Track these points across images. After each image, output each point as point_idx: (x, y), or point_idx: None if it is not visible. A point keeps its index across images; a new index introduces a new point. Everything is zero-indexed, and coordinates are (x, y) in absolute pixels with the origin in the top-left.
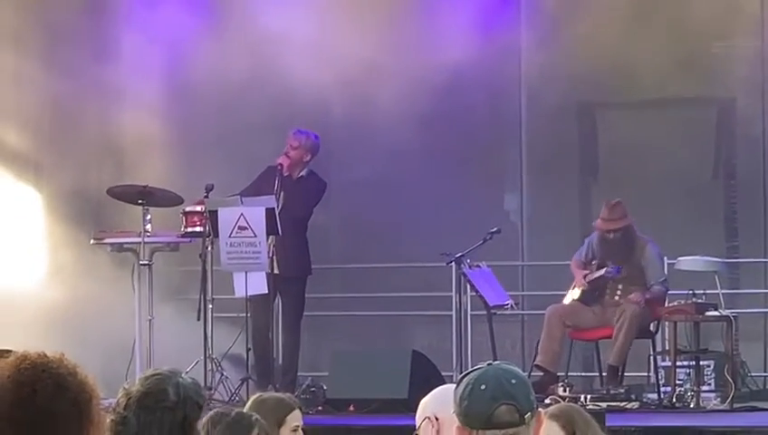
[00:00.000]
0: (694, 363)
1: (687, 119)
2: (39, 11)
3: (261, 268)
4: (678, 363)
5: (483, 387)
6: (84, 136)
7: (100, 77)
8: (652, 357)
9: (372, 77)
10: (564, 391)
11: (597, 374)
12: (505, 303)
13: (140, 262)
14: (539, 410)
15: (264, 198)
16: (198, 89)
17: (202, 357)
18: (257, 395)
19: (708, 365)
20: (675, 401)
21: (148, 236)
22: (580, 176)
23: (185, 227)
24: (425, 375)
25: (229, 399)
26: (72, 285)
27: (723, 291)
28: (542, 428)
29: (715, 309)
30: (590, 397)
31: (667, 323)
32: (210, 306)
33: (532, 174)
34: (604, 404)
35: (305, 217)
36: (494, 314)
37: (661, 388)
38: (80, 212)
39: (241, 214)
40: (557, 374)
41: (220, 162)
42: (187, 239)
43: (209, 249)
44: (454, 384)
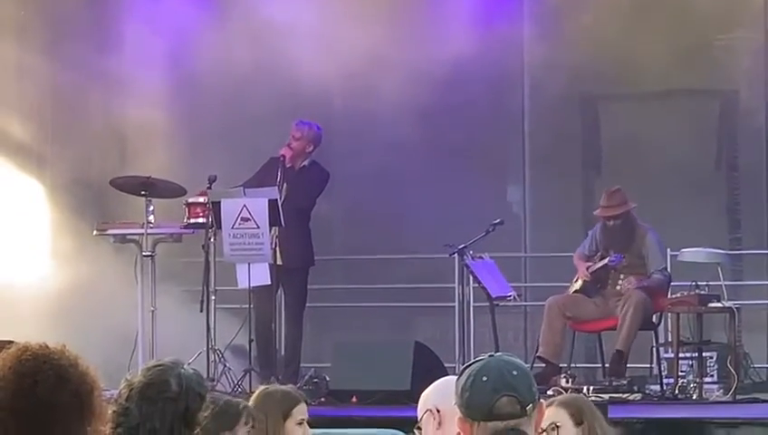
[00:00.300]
0: (696, 355)
1: (690, 111)
2: (42, 2)
3: (264, 259)
4: (681, 355)
5: (484, 378)
6: (87, 127)
7: (104, 68)
8: (655, 349)
9: (375, 69)
10: (567, 382)
11: (599, 366)
12: (508, 294)
13: (143, 253)
14: (541, 401)
15: (267, 189)
16: (201, 80)
17: (205, 348)
18: (264, 387)
19: (711, 357)
20: (677, 392)
21: (150, 227)
22: (582, 167)
23: (188, 219)
24: (427, 366)
25: (232, 390)
26: (75, 276)
27: (725, 282)
28: (551, 415)
29: (718, 300)
30: (592, 388)
31: (669, 314)
32: (213, 297)
33: (534, 166)
34: (606, 396)
35: (308, 208)
36: (497, 305)
37: (664, 379)
38: (82, 203)
39: (244, 205)
40: (559, 366)
41: (223, 153)
42: (190, 230)
43: (212, 240)
44: (454, 376)
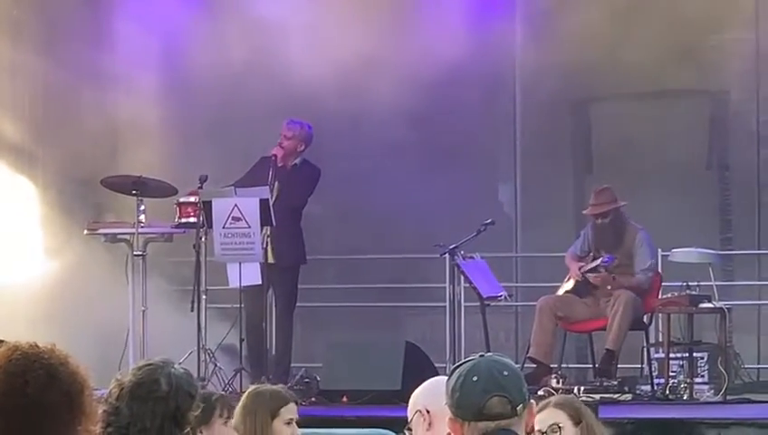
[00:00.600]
0: (687, 355)
1: (681, 112)
2: (34, 1)
3: (255, 259)
4: (672, 355)
5: (475, 379)
6: (79, 126)
7: (96, 67)
8: (645, 349)
9: (367, 70)
10: (557, 382)
11: (590, 366)
12: (499, 294)
13: (134, 253)
14: (531, 401)
15: (258, 188)
16: (193, 79)
17: (195, 348)
18: (254, 387)
19: (702, 357)
20: (668, 392)
21: (141, 226)
22: (574, 168)
23: (179, 218)
24: (418, 366)
25: (222, 389)
26: (66, 275)
27: (716, 283)
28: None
29: (709, 301)
30: (583, 389)
31: (660, 314)
32: (204, 297)
33: (526, 166)
34: (597, 396)
35: (300, 207)
36: (488, 305)
37: (654, 380)
38: (74, 202)
39: (235, 205)
40: (550, 366)
41: (215, 152)
42: (181, 230)
43: (203, 240)
44: (444, 377)
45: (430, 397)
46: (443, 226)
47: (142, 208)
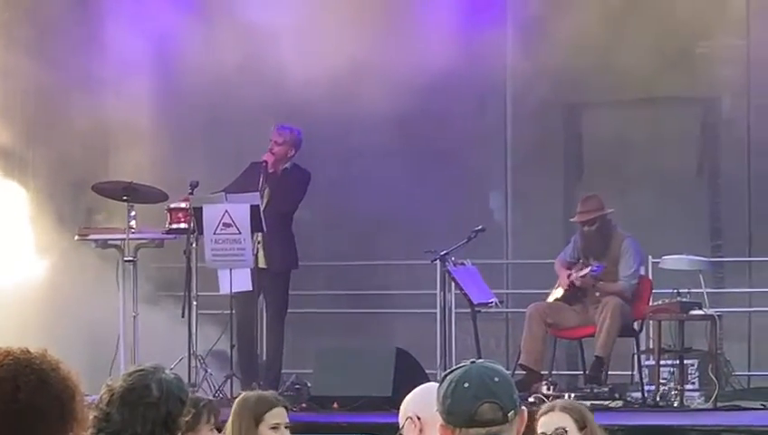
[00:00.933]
0: (678, 362)
1: (672, 118)
2: (25, 3)
3: (246, 265)
4: (662, 362)
5: (466, 385)
6: (70, 128)
7: (87, 70)
8: (636, 356)
9: (358, 75)
10: (548, 389)
11: (581, 373)
12: (490, 301)
13: (125, 258)
14: (522, 408)
15: (249, 194)
16: (185, 83)
17: (186, 354)
18: (242, 394)
19: (692, 364)
20: (658, 399)
21: (132, 232)
22: (564, 175)
23: (169, 224)
24: (409, 373)
25: (213, 396)
26: (57, 280)
27: (707, 290)
28: (555, 419)
29: (700, 308)
30: (573, 395)
31: (651, 321)
32: (195, 303)
33: (516, 172)
34: (588, 403)
35: (292, 211)
36: (479, 311)
37: (645, 387)
38: (64, 205)
39: (225, 211)
40: (540, 373)
41: (206, 157)
42: (172, 236)
43: (194, 246)
44: (435, 383)
45: (421, 403)
46: (434, 232)
47: (133, 214)
